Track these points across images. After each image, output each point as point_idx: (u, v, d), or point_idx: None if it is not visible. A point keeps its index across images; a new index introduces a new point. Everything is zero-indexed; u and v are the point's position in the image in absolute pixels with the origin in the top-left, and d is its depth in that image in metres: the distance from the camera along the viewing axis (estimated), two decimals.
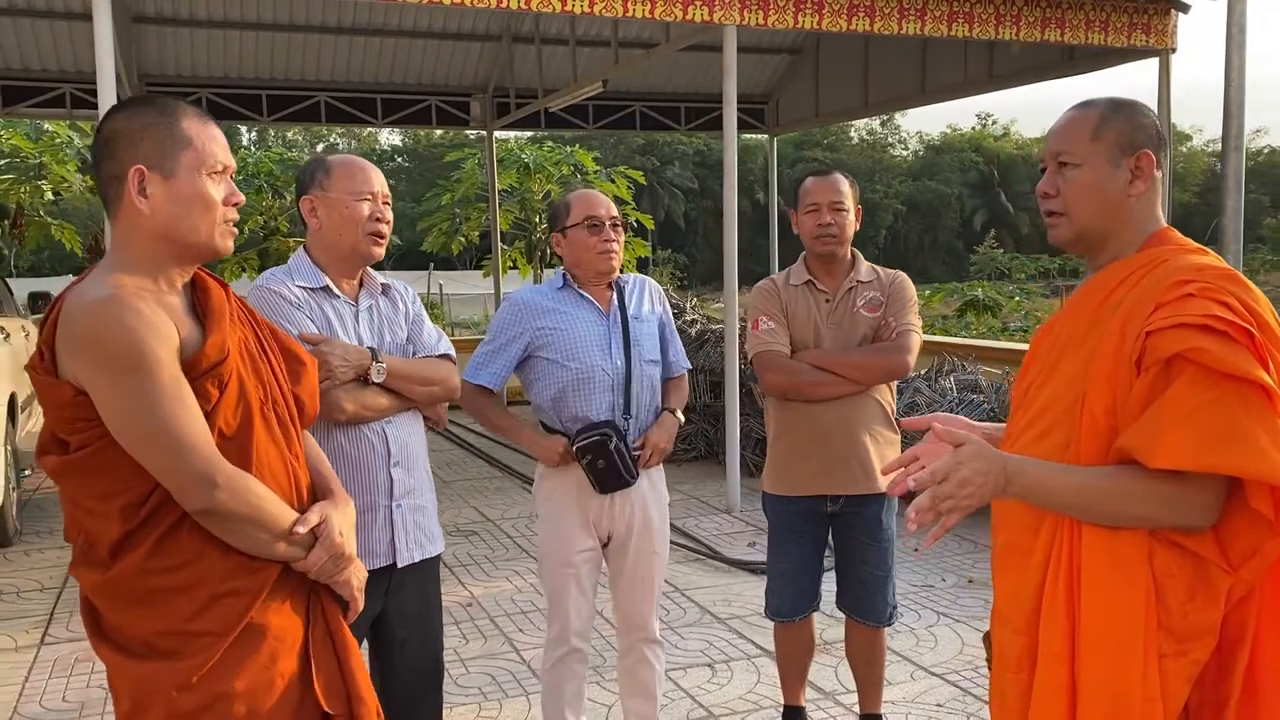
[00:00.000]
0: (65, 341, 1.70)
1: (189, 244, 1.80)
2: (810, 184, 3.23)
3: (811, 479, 3.21)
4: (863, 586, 3.29)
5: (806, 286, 3.26)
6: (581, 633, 3.04)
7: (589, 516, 2.98)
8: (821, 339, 3.22)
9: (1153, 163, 1.80)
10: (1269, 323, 1.66)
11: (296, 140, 42.35)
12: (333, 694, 1.85)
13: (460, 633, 4.58)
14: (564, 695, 3.06)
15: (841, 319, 3.23)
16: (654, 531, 3.07)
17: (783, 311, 3.23)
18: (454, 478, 7.96)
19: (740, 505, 6.64)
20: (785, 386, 3.19)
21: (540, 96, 10.40)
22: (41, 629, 4.71)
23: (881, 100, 10.86)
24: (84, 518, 1.76)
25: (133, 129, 1.77)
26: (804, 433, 3.20)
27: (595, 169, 14.02)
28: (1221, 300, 1.64)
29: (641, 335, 3.03)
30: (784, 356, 3.19)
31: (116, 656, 1.75)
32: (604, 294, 3.04)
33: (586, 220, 2.96)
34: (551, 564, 3.02)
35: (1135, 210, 1.82)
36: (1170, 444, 1.59)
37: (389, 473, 2.53)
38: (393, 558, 2.53)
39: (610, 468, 2.89)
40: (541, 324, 2.97)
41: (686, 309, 8.97)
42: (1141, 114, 1.84)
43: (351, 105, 10.95)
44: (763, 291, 3.30)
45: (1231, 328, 1.61)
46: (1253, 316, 1.64)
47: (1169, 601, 1.64)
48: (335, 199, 2.50)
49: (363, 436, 2.49)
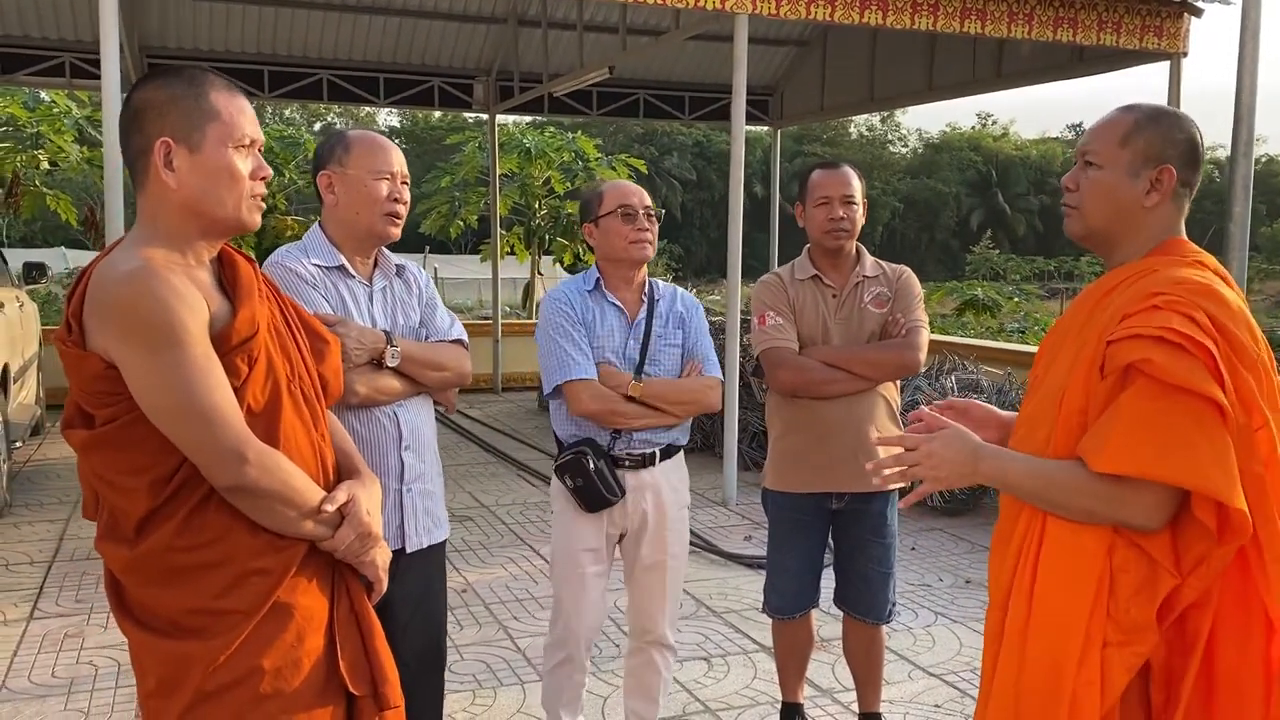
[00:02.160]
0: (95, 314, 1.68)
1: (215, 218, 1.78)
2: (820, 177, 3.18)
3: (817, 476, 3.17)
4: (865, 584, 3.25)
5: (813, 281, 3.21)
6: (580, 641, 2.98)
7: (602, 516, 2.92)
8: (830, 335, 3.18)
9: (1173, 178, 1.83)
10: (1241, 339, 1.71)
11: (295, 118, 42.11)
12: (357, 674, 1.84)
13: (455, 619, 4.54)
14: (561, 699, 3.04)
15: (849, 315, 3.19)
16: (670, 534, 3.00)
17: (790, 307, 3.18)
18: (449, 462, 7.90)
19: (737, 498, 6.61)
20: (796, 384, 3.14)
21: (545, 81, 10.32)
22: (31, 603, 4.66)
23: (888, 95, 10.80)
24: (109, 493, 1.74)
25: (160, 101, 1.76)
26: (810, 429, 3.16)
27: (597, 156, 13.95)
28: (1186, 314, 1.69)
29: (660, 351, 2.96)
30: (793, 353, 3.14)
31: (141, 633, 1.74)
32: (634, 300, 2.98)
33: (620, 209, 2.90)
34: (559, 561, 2.98)
35: (1148, 220, 1.85)
36: (1111, 450, 1.69)
37: (400, 456, 2.50)
38: (401, 542, 2.51)
39: (589, 486, 2.84)
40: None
41: None
42: (1179, 129, 1.86)
43: (353, 84, 10.85)
44: (769, 286, 3.24)
45: (1187, 341, 1.66)
46: (1220, 332, 1.69)
47: (1119, 594, 1.72)
48: (354, 176, 2.46)
49: (375, 419, 2.47)
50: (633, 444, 2.92)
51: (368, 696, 1.85)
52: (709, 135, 43.72)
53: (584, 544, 2.93)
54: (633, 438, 2.91)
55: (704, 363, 2.99)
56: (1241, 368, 1.69)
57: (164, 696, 1.73)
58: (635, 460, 2.93)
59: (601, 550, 2.96)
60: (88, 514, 1.82)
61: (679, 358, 2.99)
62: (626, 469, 2.92)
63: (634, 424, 2.87)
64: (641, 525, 2.96)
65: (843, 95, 11.32)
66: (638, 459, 2.93)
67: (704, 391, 2.96)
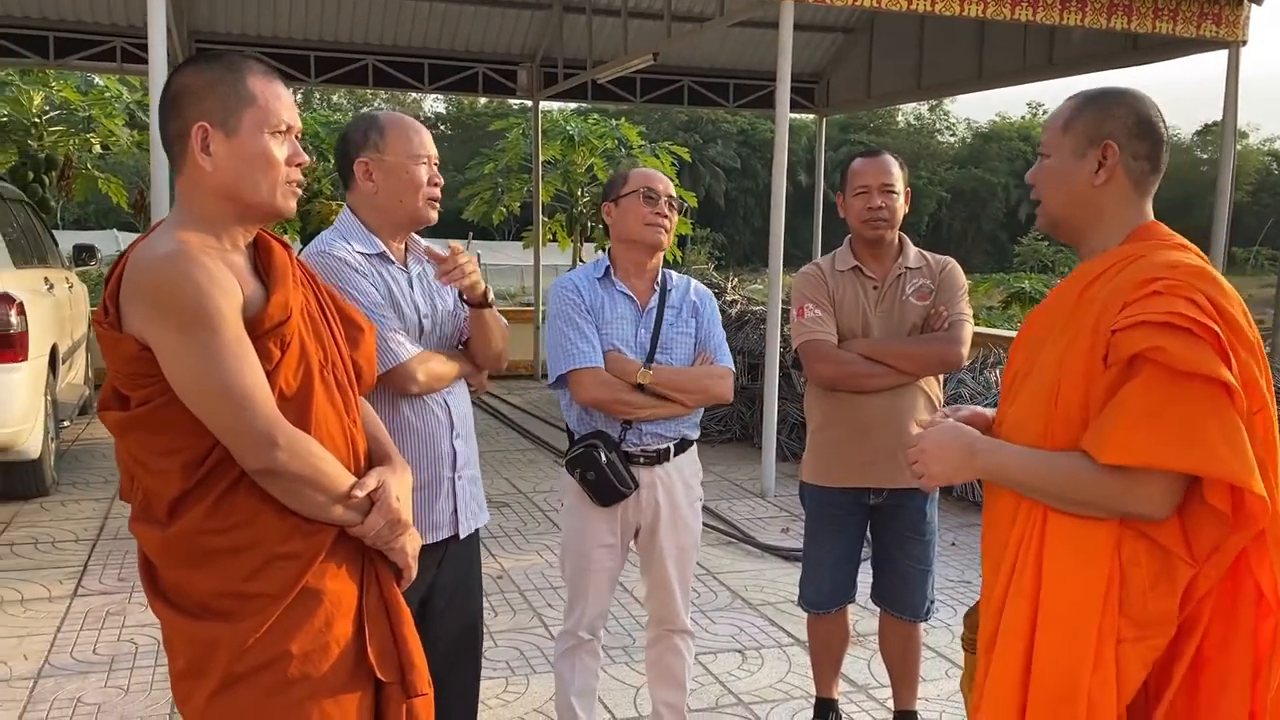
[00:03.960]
0: (130, 296, 1.69)
1: (250, 203, 1.78)
2: (859, 165, 3.12)
3: (856, 470, 3.12)
4: (902, 581, 3.20)
5: (853, 273, 3.15)
6: (594, 626, 2.98)
7: (616, 510, 2.89)
8: (870, 328, 3.12)
9: (1116, 153, 1.83)
10: (1238, 321, 1.69)
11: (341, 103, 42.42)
12: (386, 661, 1.84)
13: (490, 606, 4.55)
14: (572, 686, 3.00)
15: (891, 307, 3.13)
16: (684, 527, 2.98)
17: (829, 299, 3.12)
18: (486, 448, 7.90)
19: (774, 490, 6.56)
20: (835, 377, 3.08)
21: (589, 68, 10.29)
22: (75, 580, 4.74)
23: (935, 84, 10.66)
24: (143, 474, 1.76)
25: (198, 85, 1.76)
26: (849, 423, 3.10)
27: (640, 144, 13.89)
28: (1188, 297, 1.68)
29: (672, 340, 2.91)
30: (832, 346, 3.08)
31: (172, 615, 1.75)
32: (645, 288, 2.94)
33: (643, 189, 2.86)
34: (573, 557, 2.95)
35: (1106, 202, 1.85)
36: (1120, 441, 1.66)
37: (452, 445, 2.52)
38: (455, 529, 2.53)
39: (602, 480, 2.80)
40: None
41: (727, 289, 8.87)
42: (1118, 104, 1.85)
43: (398, 70, 10.89)
44: (808, 277, 3.18)
45: (1194, 325, 1.64)
46: (1220, 315, 1.67)
47: (1132, 588, 1.69)
48: (393, 162, 2.44)
49: (429, 410, 2.47)
50: (645, 439, 2.87)
51: (395, 683, 1.85)
52: (754, 123, 43.41)
53: (599, 540, 2.90)
54: (644, 431, 2.87)
55: (716, 353, 2.96)
56: (1241, 350, 1.68)
57: (193, 677, 1.74)
58: (650, 456, 2.89)
59: (616, 546, 2.93)
60: (124, 495, 1.84)
61: (692, 347, 2.95)
62: (641, 465, 2.88)
63: (641, 414, 2.83)
64: (655, 519, 2.93)
65: (890, 83, 11.17)
66: (652, 455, 2.89)
67: (715, 381, 2.91)
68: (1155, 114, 1.86)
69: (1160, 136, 1.86)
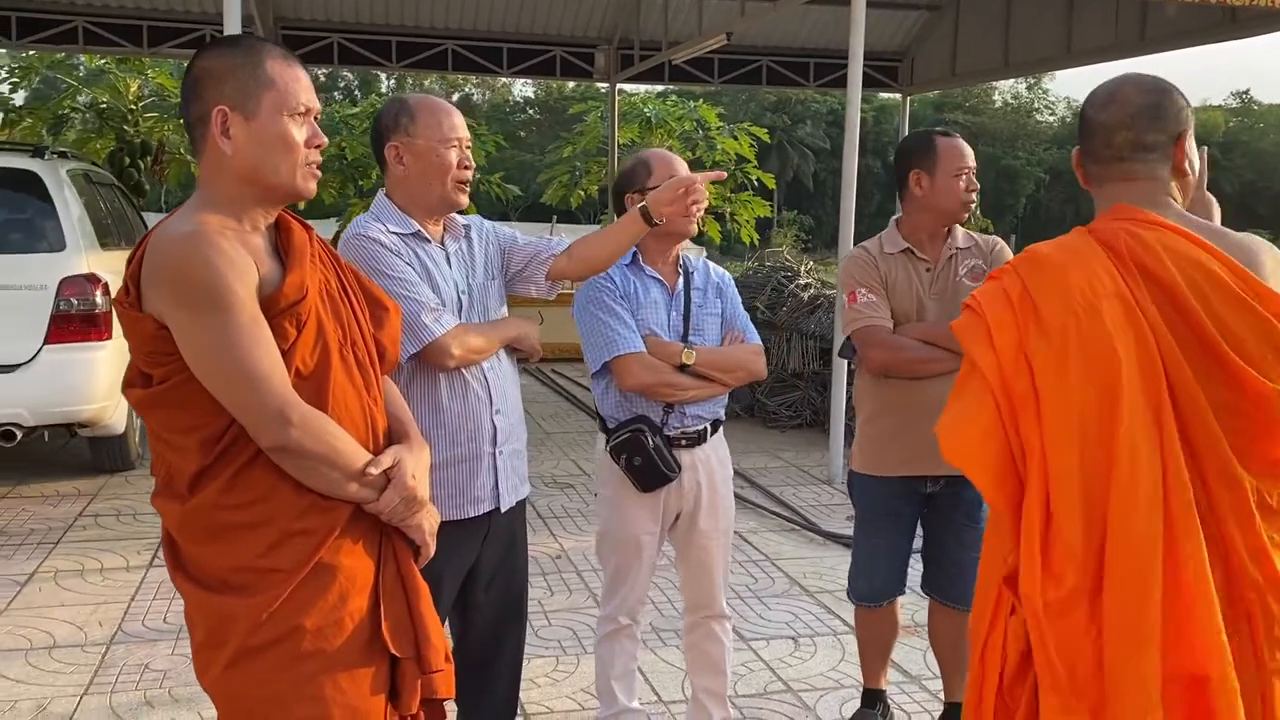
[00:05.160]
0: (149, 276, 1.73)
1: (270, 185, 1.80)
2: (954, 145, 3.02)
3: (914, 459, 3.02)
4: (957, 569, 3.12)
5: (905, 255, 3.06)
6: (634, 611, 2.99)
7: (658, 496, 2.87)
8: (925, 311, 3.03)
9: (1075, 158, 1.94)
10: (1047, 309, 1.73)
11: (433, 89, 43.11)
12: (401, 637, 1.85)
13: (546, 584, 4.59)
14: (613, 669, 3.02)
15: (944, 289, 3.04)
16: (724, 509, 2.97)
17: (882, 282, 3.03)
18: (556, 429, 7.99)
19: (842, 477, 6.47)
20: (890, 363, 2.99)
21: (664, 49, 10.24)
22: (152, 551, 4.91)
23: (1023, 61, 10.34)
24: (165, 450, 1.80)
25: (218, 69, 1.79)
26: (906, 410, 3.01)
27: (719, 125, 13.78)
28: (999, 281, 1.82)
29: (703, 321, 2.91)
30: (887, 331, 2.99)
31: (192, 588, 1.79)
32: (670, 272, 2.92)
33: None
34: (614, 544, 2.94)
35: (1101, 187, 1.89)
36: None
37: (492, 420, 2.53)
38: (496, 503, 2.55)
39: (648, 465, 2.78)
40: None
41: (800, 272, 8.76)
42: (1092, 107, 1.88)
43: (477, 54, 10.99)
44: (858, 261, 3.08)
45: (978, 307, 1.80)
46: (1026, 298, 1.75)
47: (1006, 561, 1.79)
48: (423, 146, 2.45)
49: (469, 386, 2.49)
50: (686, 421, 2.86)
51: (410, 659, 1.87)
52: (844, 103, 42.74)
53: (643, 528, 2.89)
54: (685, 414, 2.85)
55: (744, 332, 2.96)
56: (1037, 334, 1.73)
57: (211, 649, 1.78)
58: (691, 438, 2.88)
59: (657, 533, 2.93)
60: (153, 471, 1.88)
61: (719, 327, 2.94)
62: (682, 448, 2.86)
63: (686, 395, 2.81)
64: (696, 504, 2.91)
65: (976, 60, 10.87)
66: (693, 436, 2.88)
67: (752, 358, 2.94)
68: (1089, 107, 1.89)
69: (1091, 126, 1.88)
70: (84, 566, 4.72)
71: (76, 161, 6.80)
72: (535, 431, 7.81)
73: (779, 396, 8.18)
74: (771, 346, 8.26)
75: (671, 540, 3.03)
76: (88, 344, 5.66)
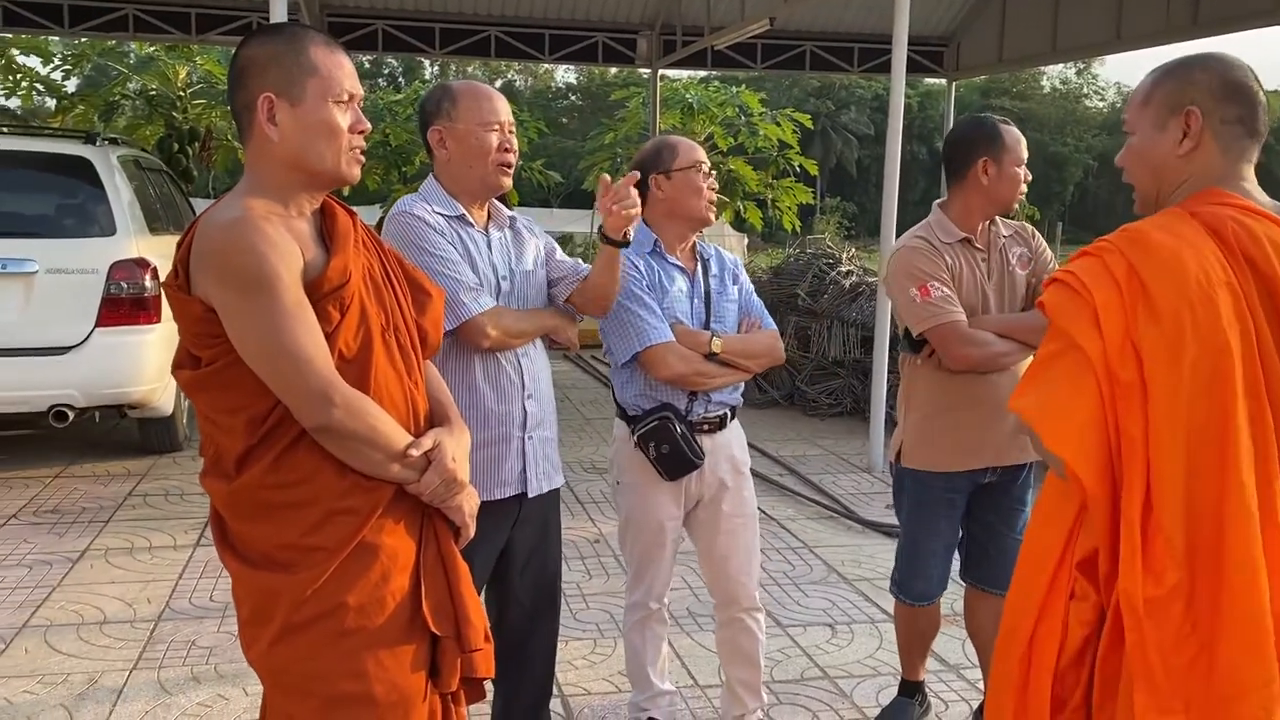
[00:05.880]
0: (197, 260, 1.76)
1: (316, 171, 1.84)
2: (1018, 135, 2.99)
3: (979, 451, 2.98)
4: (1004, 555, 3.08)
5: (963, 245, 2.99)
6: (661, 596, 3.01)
7: (680, 483, 2.87)
8: (989, 302, 2.98)
9: (1199, 120, 1.75)
10: (1158, 293, 1.63)
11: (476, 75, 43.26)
12: (441, 616, 1.88)
13: (585, 568, 4.63)
14: (645, 654, 3.04)
15: (1001, 279, 3.00)
16: (746, 496, 2.97)
17: (949, 274, 2.95)
18: (595, 415, 8.01)
19: (882, 465, 6.44)
20: (980, 360, 2.89)
21: (706, 34, 10.19)
22: (199, 531, 5.01)
23: (1072, 46, 10.15)
24: (212, 431, 1.84)
25: (262, 57, 1.82)
26: (975, 405, 2.95)
27: (761, 111, 13.70)
28: (1101, 259, 1.70)
29: (723, 308, 2.91)
30: (967, 326, 2.90)
31: (238, 565, 1.83)
32: (689, 259, 2.92)
33: (697, 164, 2.83)
34: (638, 532, 2.94)
35: (1187, 169, 1.78)
36: (1016, 389, 1.76)
37: (523, 405, 2.56)
38: (523, 488, 2.57)
39: (675, 453, 2.78)
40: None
41: (842, 259, 8.70)
42: (1200, 69, 1.75)
43: (520, 40, 11.01)
44: (922, 253, 2.95)
45: (1079, 285, 1.68)
46: (1136, 281, 1.65)
47: (1078, 546, 1.72)
48: (464, 130, 2.49)
49: (502, 370, 2.53)
50: (709, 407, 2.87)
51: (451, 638, 1.90)
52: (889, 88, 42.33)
53: (666, 514, 2.90)
54: (709, 400, 2.86)
55: (760, 317, 2.97)
56: (1148, 320, 1.63)
57: (257, 625, 1.82)
58: (713, 424, 2.88)
59: (679, 518, 2.94)
60: (202, 451, 1.92)
61: (737, 313, 2.95)
62: (704, 433, 2.87)
63: (715, 383, 2.82)
64: (719, 489, 2.91)
65: (1023, 45, 10.71)
66: (715, 421, 2.89)
67: (775, 344, 2.97)
68: (1245, 75, 1.74)
69: (1252, 98, 1.74)
70: (133, 545, 4.82)
71: (127, 148, 6.92)
72: (574, 417, 7.85)
73: (819, 384, 8.15)
74: (812, 334, 8.23)
75: (693, 534, 3.01)
76: (137, 327, 5.77)
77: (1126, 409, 1.63)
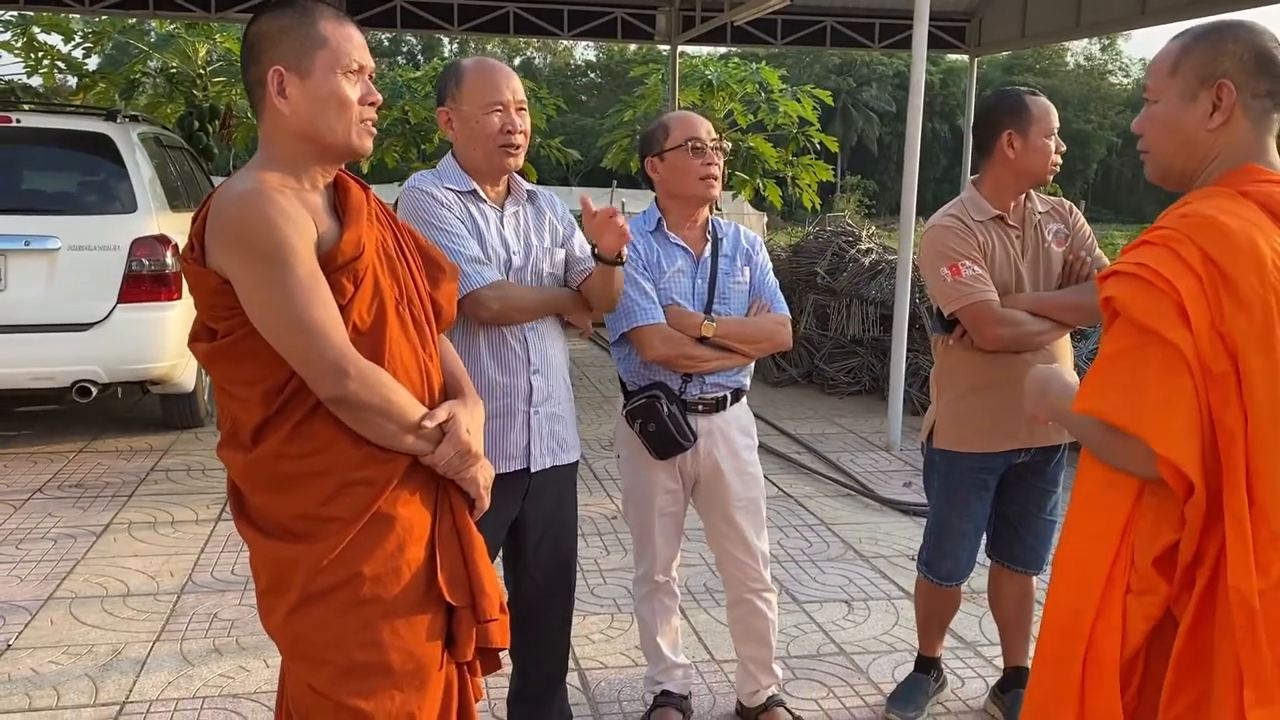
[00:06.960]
0: (211, 233, 1.77)
1: (327, 143, 1.84)
2: (1045, 105, 2.91)
3: (1016, 432, 2.94)
4: (1034, 535, 3.09)
5: (996, 222, 2.93)
6: (667, 568, 3.00)
7: (674, 462, 2.87)
8: (1022, 281, 2.93)
9: (1233, 93, 1.70)
10: (1238, 278, 1.58)
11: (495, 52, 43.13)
12: (456, 586, 1.90)
13: (603, 544, 4.65)
14: (655, 628, 3.05)
15: (1036, 257, 2.95)
16: (751, 477, 2.94)
17: (981, 252, 2.91)
18: (614, 393, 7.98)
19: (900, 444, 6.43)
20: (1012, 340, 2.86)
21: (725, 10, 10.12)
22: (220, 505, 5.06)
23: (1096, 21, 10.03)
24: (229, 403, 1.86)
25: (273, 31, 1.82)
26: (1011, 385, 2.85)
27: (781, 87, 13.60)
28: (1172, 248, 1.62)
29: (728, 290, 2.87)
30: (999, 306, 2.86)
31: (255, 536, 1.85)
32: (697, 238, 2.89)
33: (689, 141, 2.78)
34: (635, 506, 2.95)
35: (1217, 144, 1.74)
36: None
37: (529, 379, 2.55)
38: (527, 462, 2.58)
39: (662, 431, 2.76)
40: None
41: (861, 237, 8.66)
42: (1232, 40, 1.70)
43: (539, 16, 10.97)
44: (954, 232, 2.89)
45: (1155, 277, 1.60)
46: (1214, 269, 1.59)
47: (1137, 541, 1.68)
48: (467, 112, 2.50)
49: (506, 343, 2.53)
50: (705, 388, 2.85)
51: (466, 608, 1.91)
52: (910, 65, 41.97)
53: (661, 486, 2.89)
54: (705, 381, 2.84)
55: (771, 301, 2.92)
56: (1234, 309, 1.58)
57: (274, 595, 1.84)
58: (708, 405, 2.86)
59: (678, 491, 2.93)
60: (219, 424, 1.94)
61: (746, 296, 2.90)
62: (699, 414, 2.85)
63: (705, 367, 2.80)
64: (716, 471, 2.90)
65: (1046, 21, 10.59)
66: (710, 403, 2.86)
67: (776, 329, 2.89)
68: (1276, 46, 1.70)
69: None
70: (155, 519, 4.88)
71: (148, 125, 6.95)
72: (593, 395, 7.86)
73: (838, 362, 8.12)
74: (831, 312, 8.20)
75: (699, 513, 3.01)
76: (158, 304, 5.81)
77: (1221, 401, 1.58)
